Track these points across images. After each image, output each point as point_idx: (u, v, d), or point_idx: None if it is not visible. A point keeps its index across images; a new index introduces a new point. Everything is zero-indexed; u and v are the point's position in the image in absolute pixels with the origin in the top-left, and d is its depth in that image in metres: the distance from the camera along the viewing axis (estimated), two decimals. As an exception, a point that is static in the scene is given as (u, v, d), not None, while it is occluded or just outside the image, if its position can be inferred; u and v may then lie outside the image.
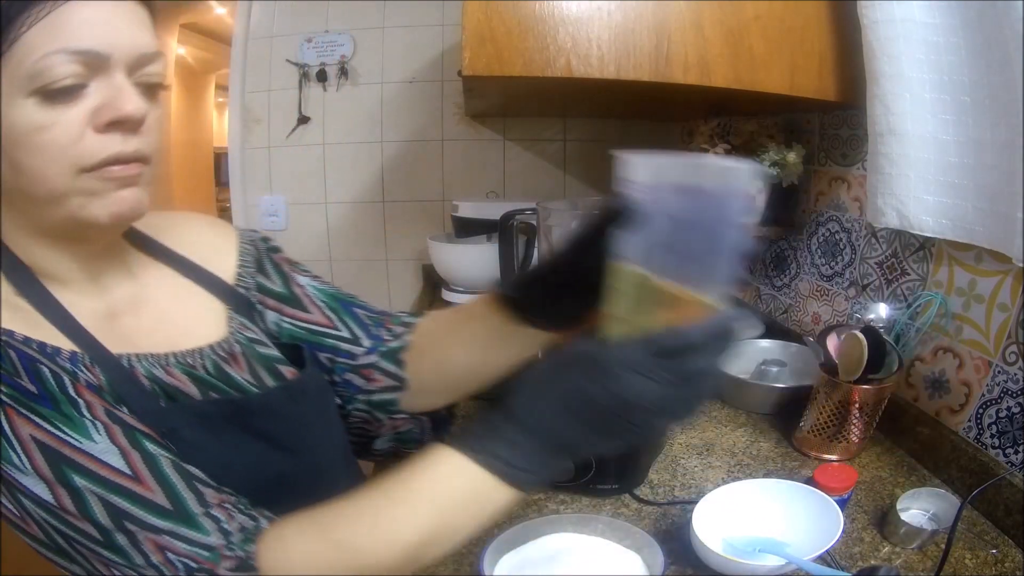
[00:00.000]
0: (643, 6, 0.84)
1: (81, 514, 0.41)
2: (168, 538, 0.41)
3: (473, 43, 0.81)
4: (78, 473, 0.41)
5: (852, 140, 1.07)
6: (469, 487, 0.44)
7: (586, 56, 0.83)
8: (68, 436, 0.42)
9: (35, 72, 0.42)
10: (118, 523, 0.41)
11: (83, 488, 0.41)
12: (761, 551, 0.62)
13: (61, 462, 0.41)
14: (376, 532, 0.44)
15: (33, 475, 0.41)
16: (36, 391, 0.42)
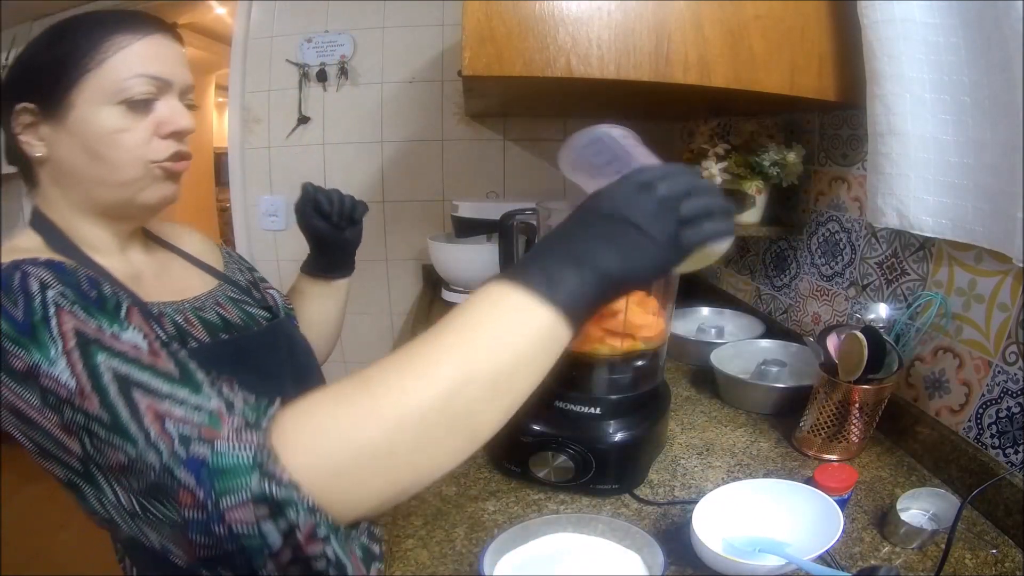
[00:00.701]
0: (643, 6, 0.84)
1: (94, 389, 0.43)
2: (168, 404, 0.43)
3: (473, 43, 0.81)
4: (102, 351, 0.45)
5: (852, 140, 1.07)
6: (501, 306, 0.43)
7: (586, 56, 0.83)
8: (105, 327, 0.47)
9: (122, 88, 0.58)
10: (126, 392, 0.43)
11: (102, 364, 0.45)
12: (761, 551, 0.62)
13: (91, 344, 0.45)
14: (411, 369, 0.41)
15: (62, 361, 0.44)
16: (92, 296, 0.50)
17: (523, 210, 0.86)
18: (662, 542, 0.62)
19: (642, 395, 0.83)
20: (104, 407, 0.43)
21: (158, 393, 0.43)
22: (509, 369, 0.42)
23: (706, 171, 1.18)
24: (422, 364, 0.41)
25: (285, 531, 0.38)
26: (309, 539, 0.39)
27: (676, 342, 1.23)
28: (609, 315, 0.79)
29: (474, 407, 0.42)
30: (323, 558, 0.40)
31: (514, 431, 0.81)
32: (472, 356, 0.42)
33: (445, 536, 0.71)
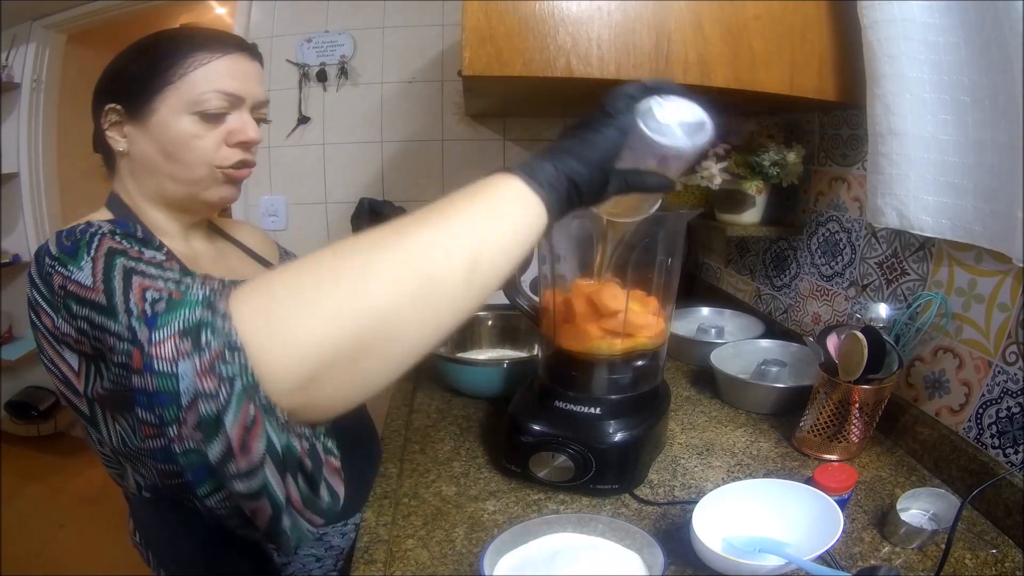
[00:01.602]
0: (643, 6, 0.84)
1: (103, 280, 0.52)
2: (156, 281, 0.51)
3: (473, 43, 0.81)
4: (123, 257, 0.54)
5: (852, 140, 1.07)
6: (493, 187, 0.44)
7: (586, 56, 0.83)
8: (136, 247, 0.56)
9: (199, 100, 0.66)
10: (127, 279, 0.51)
11: (118, 264, 0.53)
12: (761, 551, 0.62)
13: (116, 255, 0.54)
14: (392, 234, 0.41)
15: (88, 267, 0.54)
16: (139, 235, 0.60)
17: (523, 210, 0.86)
18: (662, 542, 0.62)
19: (642, 395, 0.83)
20: (105, 293, 0.51)
21: (151, 276, 0.51)
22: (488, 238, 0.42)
23: (706, 171, 1.18)
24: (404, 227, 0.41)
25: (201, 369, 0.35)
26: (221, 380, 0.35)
27: (676, 342, 1.23)
28: (609, 315, 0.79)
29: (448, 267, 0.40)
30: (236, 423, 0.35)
31: (514, 431, 0.81)
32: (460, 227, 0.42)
33: (445, 536, 0.71)
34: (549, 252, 0.83)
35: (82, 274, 0.53)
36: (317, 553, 0.76)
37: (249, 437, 0.36)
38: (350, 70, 1.91)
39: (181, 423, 0.36)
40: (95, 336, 0.53)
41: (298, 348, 0.36)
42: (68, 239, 0.56)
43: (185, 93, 0.66)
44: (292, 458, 0.39)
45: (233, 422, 0.35)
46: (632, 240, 0.80)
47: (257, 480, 0.37)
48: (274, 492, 0.38)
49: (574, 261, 0.84)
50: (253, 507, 0.38)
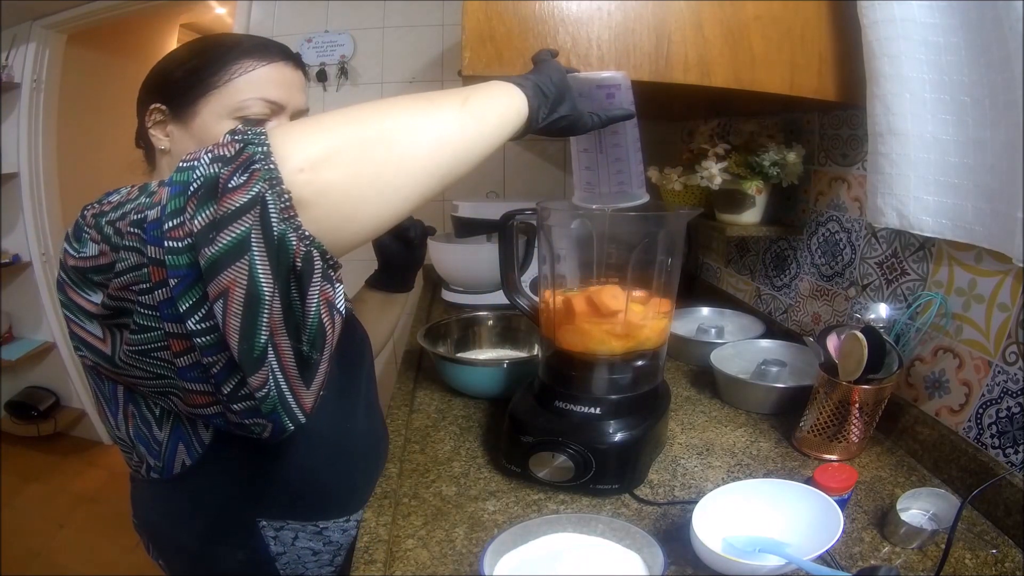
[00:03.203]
0: (643, 6, 0.84)
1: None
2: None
3: (473, 43, 0.81)
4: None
5: (852, 140, 1.07)
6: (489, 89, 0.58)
7: (586, 56, 0.83)
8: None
9: (240, 107, 0.67)
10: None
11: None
12: (761, 551, 0.62)
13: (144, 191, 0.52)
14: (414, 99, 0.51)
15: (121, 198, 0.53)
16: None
17: (523, 210, 0.86)
18: (662, 542, 0.62)
19: (642, 395, 0.83)
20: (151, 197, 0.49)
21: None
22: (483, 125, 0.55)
23: (706, 171, 1.18)
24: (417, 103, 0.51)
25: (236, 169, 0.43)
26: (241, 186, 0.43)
27: (676, 342, 1.23)
28: (609, 315, 0.79)
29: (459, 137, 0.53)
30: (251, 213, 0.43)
31: (514, 431, 0.81)
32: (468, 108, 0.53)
33: (445, 536, 0.71)
34: (549, 252, 0.83)
35: (113, 196, 0.54)
36: (314, 547, 0.76)
37: (235, 190, 0.42)
38: (350, 70, 1.91)
39: (188, 203, 0.43)
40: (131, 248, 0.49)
41: (311, 138, 0.46)
42: (105, 198, 0.57)
43: (228, 98, 0.67)
44: (286, 254, 0.44)
45: (226, 175, 0.42)
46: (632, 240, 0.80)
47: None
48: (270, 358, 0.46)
49: (574, 261, 0.84)
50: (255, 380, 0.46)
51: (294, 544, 0.75)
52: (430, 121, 0.50)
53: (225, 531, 0.71)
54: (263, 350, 0.45)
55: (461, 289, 1.63)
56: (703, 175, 1.19)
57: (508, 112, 0.57)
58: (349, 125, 0.47)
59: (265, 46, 0.70)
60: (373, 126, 0.47)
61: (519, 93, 0.59)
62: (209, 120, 0.68)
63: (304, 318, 0.46)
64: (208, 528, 0.72)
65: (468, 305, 1.58)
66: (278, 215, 0.43)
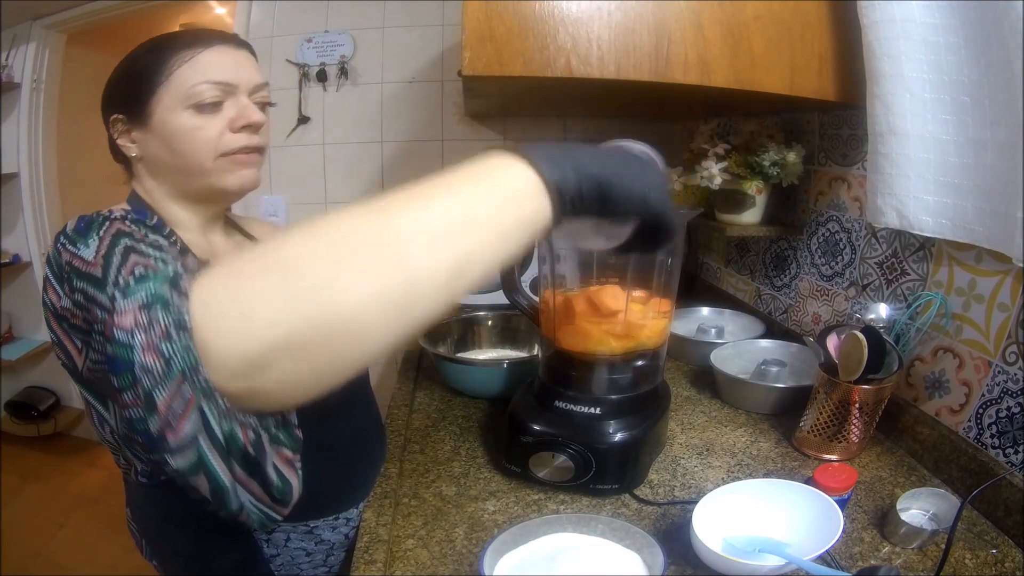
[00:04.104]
0: (643, 6, 0.84)
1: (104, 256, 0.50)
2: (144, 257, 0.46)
3: (473, 43, 0.81)
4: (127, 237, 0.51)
5: (852, 140, 1.07)
6: (499, 174, 0.42)
7: (586, 56, 0.83)
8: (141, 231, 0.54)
9: (189, 94, 0.68)
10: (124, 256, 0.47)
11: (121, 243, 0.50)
12: (761, 551, 0.62)
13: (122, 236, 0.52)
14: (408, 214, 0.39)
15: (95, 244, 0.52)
16: (154, 224, 0.67)
17: (523, 210, 0.86)
18: (662, 542, 0.62)
19: (642, 395, 0.83)
20: (102, 267, 0.49)
21: (146, 254, 0.47)
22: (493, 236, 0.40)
23: (706, 171, 1.18)
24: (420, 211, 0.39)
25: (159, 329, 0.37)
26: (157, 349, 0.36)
27: (676, 342, 1.23)
28: (609, 315, 0.79)
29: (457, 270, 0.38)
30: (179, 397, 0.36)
31: (514, 431, 0.81)
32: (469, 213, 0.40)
33: (445, 536, 0.71)
34: (549, 252, 0.83)
35: (88, 251, 0.53)
36: (307, 547, 0.76)
37: (179, 418, 0.36)
38: (350, 70, 1.91)
39: (133, 392, 0.37)
40: (87, 308, 0.51)
41: (244, 332, 0.34)
42: (83, 222, 0.58)
43: (176, 89, 0.68)
44: (236, 446, 0.38)
45: (164, 400, 0.36)
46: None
47: (189, 458, 0.37)
48: (216, 474, 0.38)
49: (574, 261, 0.84)
50: (193, 483, 0.38)
51: (287, 545, 0.75)
52: (407, 311, 0.37)
53: (218, 534, 0.71)
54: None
55: (461, 289, 1.62)
56: (703, 175, 1.19)
57: (521, 248, 0.41)
58: (295, 312, 0.34)
59: (197, 34, 0.71)
60: (328, 314, 0.34)
61: (543, 207, 0.41)
62: (164, 115, 0.69)
63: (265, 484, 0.41)
64: (201, 531, 0.71)
65: (468, 305, 1.58)
66: (217, 420, 0.36)
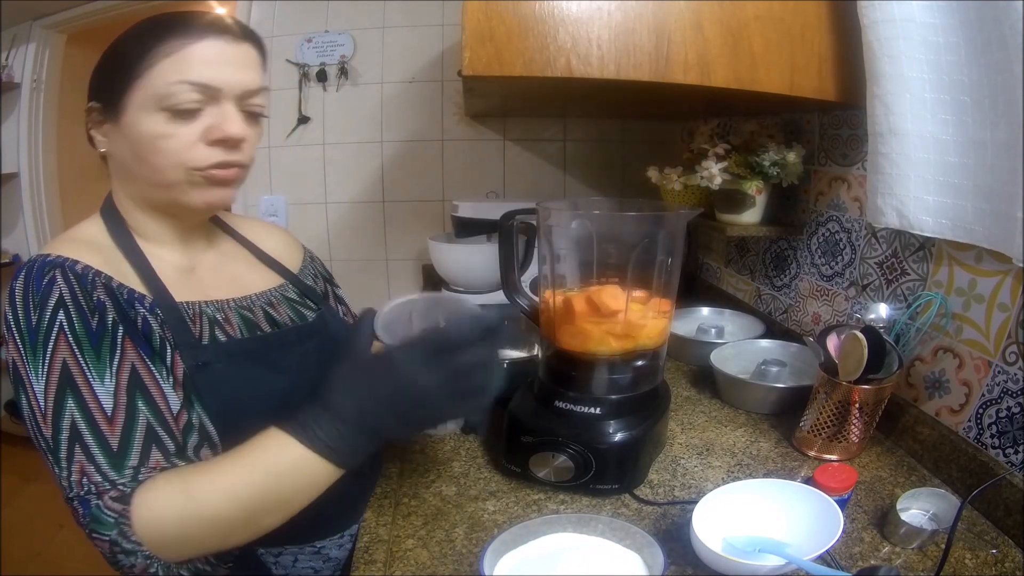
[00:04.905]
0: (643, 6, 0.84)
1: (52, 423, 0.54)
2: (92, 468, 0.53)
3: (473, 43, 0.81)
4: (74, 395, 0.54)
5: (852, 140, 1.07)
6: (294, 462, 0.54)
7: (586, 56, 0.83)
8: (88, 371, 0.55)
9: (165, 95, 0.58)
10: (71, 444, 0.54)
11: (68, 407, 0.54)
12: (761, 551, 0.62)
13: (69, 384, 0.54)
14: (218, 487, 0.54)
15: (42, 383, 0.54)
16: (94, 328, 0.57)
17: (523, 210, 0.86)
18: (662, 542, 0.62)
19: (642, 395, 0.83)
20: (53, 440, 0.54)
21: (90, 458, 0.54)
22: (298, 501, 0.57)
23: (706, 171, 1.18)
24: (230, 487, 0.54)
25: (130, 564, 0.53)
26: (145, 570, 0.53)
27: (676, 342, 1.23)
28: (609, 315, 0.79)
29: (267, 522, 0.56)
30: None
31: (514, 431, 0.81)
32: (269, 492, 0.55)
33: (445, 536, 0.71)
34: (549, 252, 0.83)
35: (38, 386, 0.55)
36: (315, 566, 0.76)
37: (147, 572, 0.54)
38: (350, 70, 1.91)
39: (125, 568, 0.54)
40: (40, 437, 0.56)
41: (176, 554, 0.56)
42: (32, 303, 0.56)
43: (150, 88, 0.58)
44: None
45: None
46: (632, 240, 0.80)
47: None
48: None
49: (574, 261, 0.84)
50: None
51: (295, 566, 0.74)
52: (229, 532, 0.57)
53: (226, 560, 0.68)
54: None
55: (461, 289, 1.63)
56: (703, 175, 1.19)
57: (315, 491, 0.58)
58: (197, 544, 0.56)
59: (190, 21, 0.60)
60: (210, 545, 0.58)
61: (320, 468, 0.56)
62: (134, 115, 0.59)
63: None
64: (209, 557, 0.67)
65: (468, 305, 1.58)
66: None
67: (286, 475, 0.54)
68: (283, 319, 0.74)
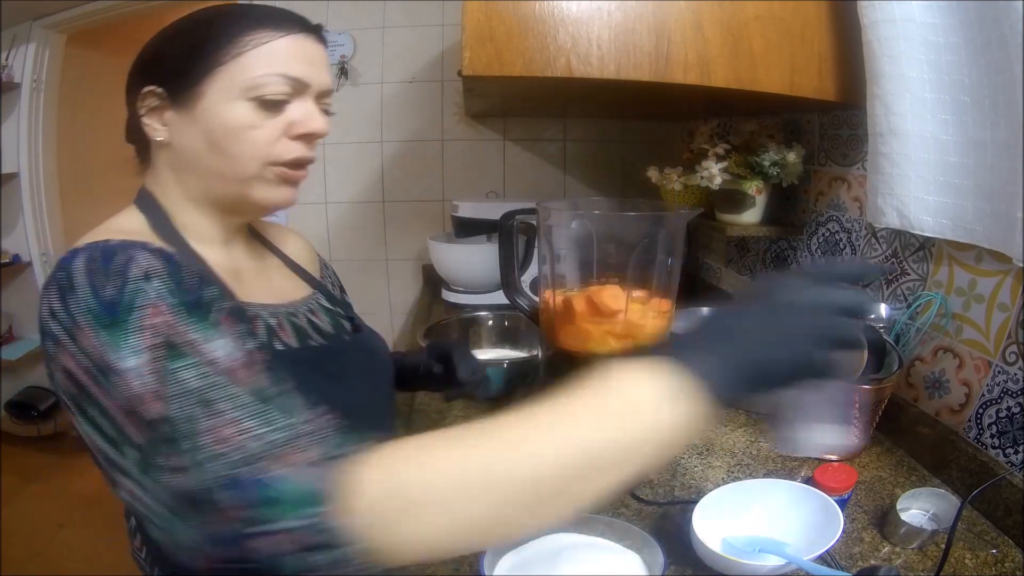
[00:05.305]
0: (643, 6, 0.84)
1: (160, 397, 0.42)
2: (238, 424, 0.41)
3: (473, 43, 0.81)
4: (182, 357, 0.44)
5: (852, 140, 1.07)
6: (654, 399, 0.40)
7: (586, 56, 0.83)
8: (195, 331, 0.45)
9: (255, 85, 0.57)
10: (199, 417, 0.41)
11: (179, 370, 0.43)
12: (761, 551, 0.62)
13: (175, 347, 0.44)
14: (525, 436, 0.40)
15: (135, 359, 0.43)
16: (192, 299, 0.48)
17: (523, 210, 0.86)
18: (662, 542, 0.62)
19: (642, 395, 0.83)
20: (166, 420, 0.41)
21: (235, 423, 0.41)
22: (637, 449, 0.40)
23: (706, 171, 1.18)
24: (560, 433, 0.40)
25: (328, 562, 0.38)
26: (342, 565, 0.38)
27: (676, 342, 1.23)
28: (609, 315, 0.79)
29: (596, 482, 0.40)
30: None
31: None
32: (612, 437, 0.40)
33: (445, 536, 0.71)
34: (549, 252, 0.83)
35: (128, 364, 0.43)
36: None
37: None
38: (350, 70, 1.91)
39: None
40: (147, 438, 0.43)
41: (411, 551, 0.39)
42: (103, 278, 0.45)
43: (239, 75, 0.57)
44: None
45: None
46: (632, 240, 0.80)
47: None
48: None
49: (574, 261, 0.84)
50: None
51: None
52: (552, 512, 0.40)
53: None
54: None
55: (461, 289, 1.63)
56: (703, 175, 1.19)
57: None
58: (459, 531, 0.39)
59: (281, 15, 0.60)
60: (483, 531, 0.40)
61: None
62: (217, 102, 0.57)
63: None
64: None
65: (468, 305, 1.58)
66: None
67: (634, 419, 0.40)
68: (326, 328, 0.71)
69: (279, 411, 0.43)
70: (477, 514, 0.39)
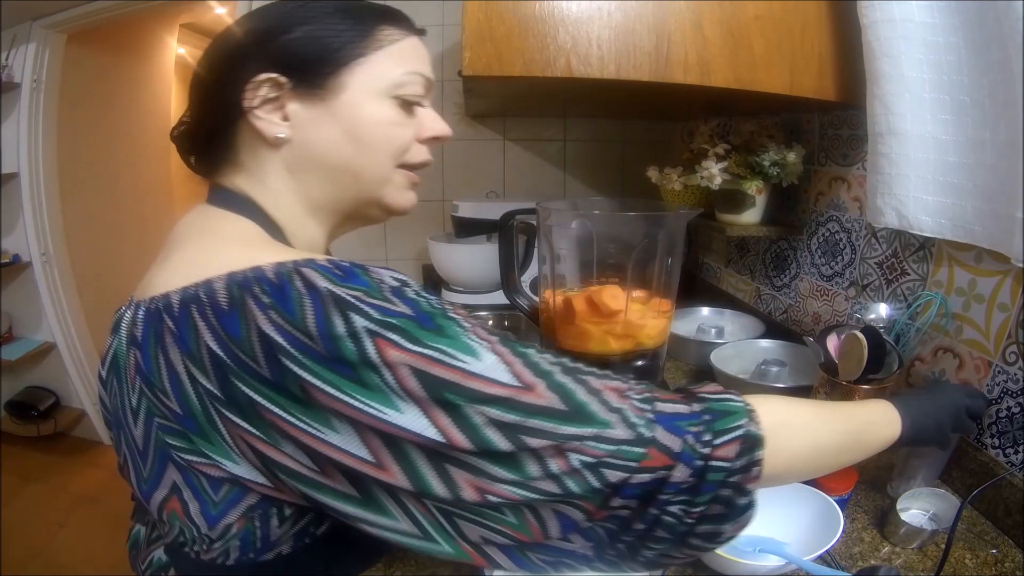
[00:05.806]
0: (643, 6, 0.84)
1: (471, 438, 0.38)
2: (575, 443, 0.40)
3: (473, 43, 0.81)
4: (523, 346, 0.43)
5: (852, 140, 1.07)
6: (880, 415, 0.60)
7: (586, 56, 0.83)
8: (450, 357, 0.39)
9: (399, 83, 0.54)
10: (513, 438, 0.39)
11: (539, 358, 0.42)
12: (761, 551, 0.62)
13: (439, 386, 0.38)
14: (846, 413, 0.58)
15: (483, 350, 0.40)
16: (411, 311, 0.40)
17: (523, 210, 0.86)
18: (662, 542, 0.62)
19: (642, 395, 0.83)
20: (563, 393, 0.41)
21: (556, 435, 0.40)
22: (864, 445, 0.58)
23: (706, 171, 1.18)
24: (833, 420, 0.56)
25: (745, 463, 0.44)
26: (751, 477, 0.44)
27: (676, 342, 1.23)
28: (609, 315, 0.79)
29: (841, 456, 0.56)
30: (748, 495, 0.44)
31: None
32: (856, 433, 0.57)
33: (445, 536, 0.71)
34: (549, 252, 0.83)
35: (488, 369, 0.40)
36: None
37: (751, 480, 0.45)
38: (350, 70, 1.91)
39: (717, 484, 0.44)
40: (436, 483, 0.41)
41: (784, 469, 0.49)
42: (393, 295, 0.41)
43: (384, 71, 0.53)
44: None
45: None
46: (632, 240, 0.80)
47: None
48: None
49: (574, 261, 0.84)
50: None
51: None
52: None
53: None
54: None
55: (461, 289, 1.63)
56: (703, 175, 1.19)
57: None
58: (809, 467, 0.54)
59: (400, 14, 0.57)
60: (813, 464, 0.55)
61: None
62: (360, 97, 0.52)
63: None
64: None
65: (468, 305, 1.58)
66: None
67: (877, 427, 0.59)
68: None
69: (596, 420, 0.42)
70: (824, 444, 0.53)
